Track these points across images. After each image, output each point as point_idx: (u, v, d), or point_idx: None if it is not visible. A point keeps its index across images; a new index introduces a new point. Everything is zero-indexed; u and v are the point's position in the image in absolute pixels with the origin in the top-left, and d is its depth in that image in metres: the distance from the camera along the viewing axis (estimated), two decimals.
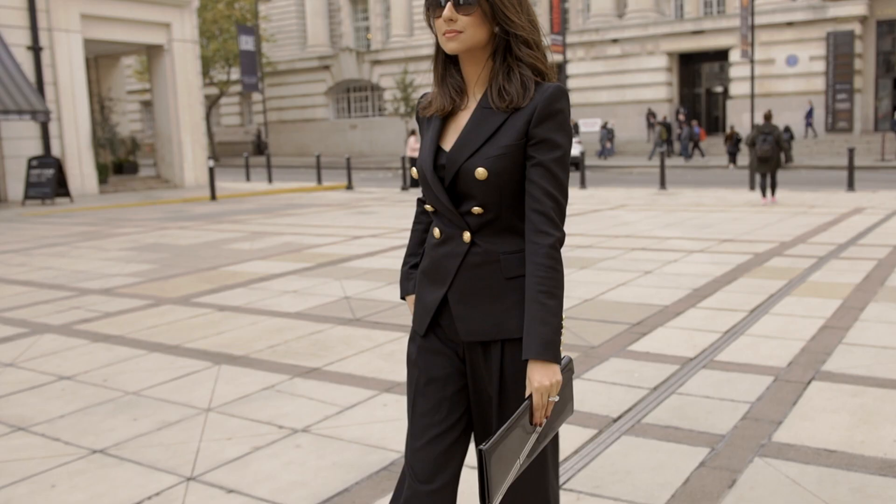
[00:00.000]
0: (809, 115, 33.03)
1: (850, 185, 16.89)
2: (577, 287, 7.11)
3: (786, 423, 3.82)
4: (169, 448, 3.82)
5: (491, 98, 1.85)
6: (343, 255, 9.63)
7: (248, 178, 28.22)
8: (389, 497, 2.18)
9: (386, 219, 13.99)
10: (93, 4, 21.50)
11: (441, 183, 1.88)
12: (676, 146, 34.97)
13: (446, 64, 1.93)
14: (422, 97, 2.03)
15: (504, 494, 1.84)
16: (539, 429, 1.84)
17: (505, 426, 1.76)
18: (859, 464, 3.35)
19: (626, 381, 4.53)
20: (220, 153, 47.30)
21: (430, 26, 1.88)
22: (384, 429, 3.94)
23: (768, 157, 13.53)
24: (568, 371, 1.91)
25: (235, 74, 46.56)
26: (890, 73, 33.89)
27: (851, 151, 17.16)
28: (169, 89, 23.91)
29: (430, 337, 1.99)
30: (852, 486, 3.14)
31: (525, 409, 1.80)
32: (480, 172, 1.81)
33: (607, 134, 35.56)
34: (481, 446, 1.72)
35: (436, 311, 1.95)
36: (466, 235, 1.88)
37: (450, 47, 1.83)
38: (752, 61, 25.46)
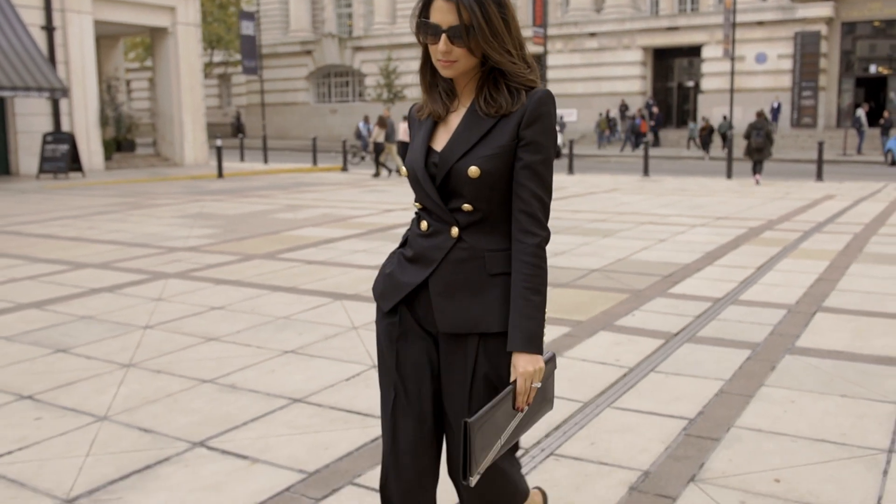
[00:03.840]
0: (776, 111, 34.77)
1: (819, 176, 18.45)
2: (609, 250, 8.45)
3: (802, 336, 5.17)
4: (343, 350, 5.03)
5: (479, 104, 1.93)
6: (386, 224, 10.83)
7: (241, 159, 29.12)
8: None
9: (404, 196, 15.18)
10: None
11: (432, 181, 1.95)
12: (650, 137, 36.54)
13: (434, 72, 2.00)
14: (413, 106, 2.12)
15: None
16: (521, 414, 1.93)
17: (490, 404, 1.86)
18: (860, 358, 4.69)
19: (674, 311, 5.85)
20: None
21: (419, 40, 1.95)
22: None
23: (761, 147, 15.40)
24: (551, 365, 1.99)
25: (218, 57, 47.23)
26: (851, 71, 35.79)
27: (821, 145, 18.73)
28: (172, 71, 24.74)
29: (404, 321, 2.03)
30: (857, 370, 4.48)
31: (509, 392, 1.90)
32: (473, 171, 1.88)
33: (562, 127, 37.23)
34: (467, 419, 1.81)
35: (414, 297, 2.01)
36: (454, 231, 1.95)
37: (446, 73, 1.93)
38: (732, 59, 27.03)
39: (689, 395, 4.12)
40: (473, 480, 1.85)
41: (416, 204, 2.04)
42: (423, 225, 2.00)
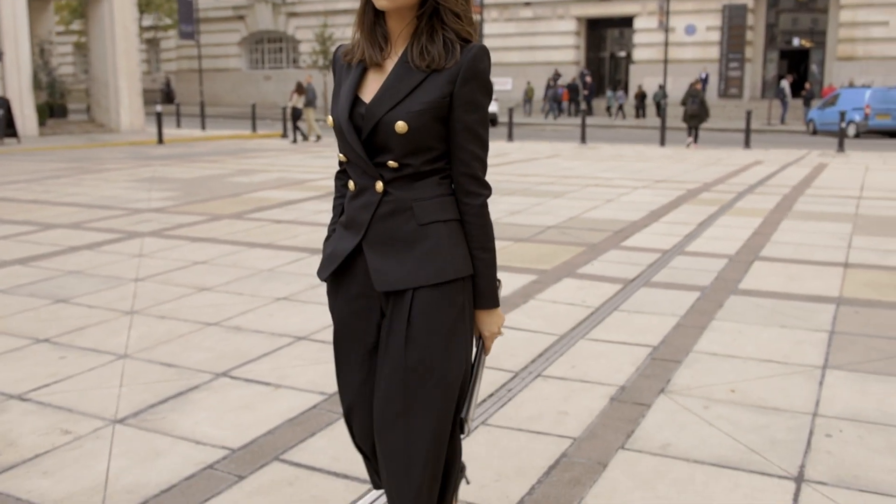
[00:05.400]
0: (704, 82, 35.89)
1: (747, 144, 19.37)
2: (561, 209, 9.00)
3: (744, 280, 5.79)
4: None
5: (411, 56, 1.85)
6: None
7: (178, 125, 28.81)
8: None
9: None
10: None
11: (357, 133, 1.87)
12: (582, 105, 37.35)
13: (376, 13, 1.91)
14: (339, 47, 2.01)
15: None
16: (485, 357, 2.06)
17: (473, 388, 2.00)
18: (794, 297, 5.33)
19: (628, 261, 6.42)
20: None
21: None
22: None
23: (696, 114, 16.42)
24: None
25: (147, 21, 46.15)
26: (775, 44, 37.17)
27: (749, 114, 19.66)
28: (107, 35, 24.31)
29: (348, 290, 1.99)
30: (793, 307, 5.11)
31: (479, 351, 2.03)
32: (400, 126, 1.82)
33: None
34: (462, 415, 1.98)
35: (350, 261, 1.95)
36: (379, 185, 1.88)
37: (381, 4, 1.83)
38: (666, 30, 27.89)
39: (650, 328, 4.67)
40: (469, 429, 2.04)
41: (341, 156, 1.97)
42: (351, 185, 1.95)
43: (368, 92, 1.89)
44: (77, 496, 2.82)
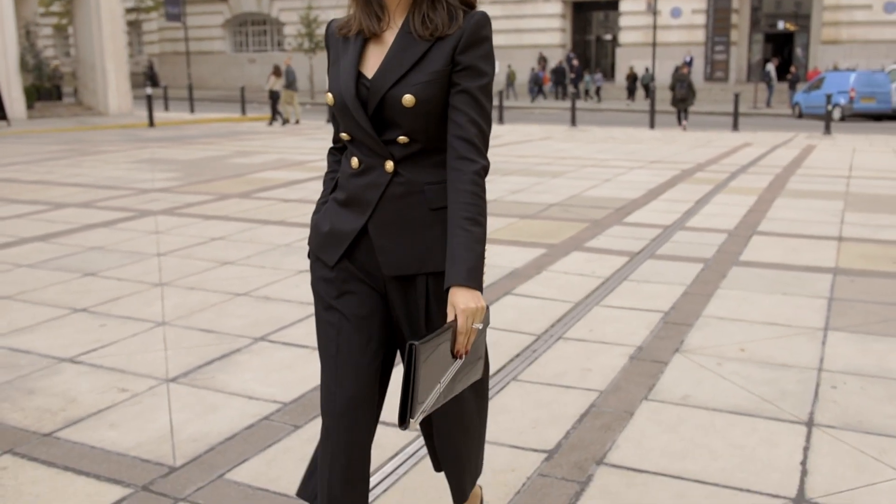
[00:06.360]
0: (689, 65, 36.18)
1: (735, 126, 19.68)
2: (561, 188, 9.26)
3: (744, 253, 6.06)
4: None
5: (413, 25, 1.78)
6: None
7: (166, 108, 28.79)
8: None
9: None
10: None
11: (364, 110, 1.79)
12: (569, 88, 37.59)
13: None
14: (331, 21, 1.93)
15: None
16: (458, 363, 1.78)
17: (437, 332, 1.71)
18: (794, 268, 5.61)
19: (632, 236, 6.67)
20: None
21: None
22: (505, 251, 5.91)
23: (684, 98, 16.88)
24: (485, 323, 1.80)
25: (129, 3, 45.84)
26: (759, 27, 37.51)
27: (737, 97, 19.97)
28: (93, 18, 24.25)
29: (345, 272, 1.89)
30: (792, 276, 5.39)
31: (449, 329, 1.73)
32: (408, 100, 1.75)
33: None
34: (413, 341, 1.66)
35: (353, 244, 1.86)
36: (389, 165, 1.80)
37: None
38: (654, 13, 28.16)
39: (660, 296, 4.92)
40: (413, 424, 1.70)
41: (344, 135, 1.87)
42: (354, 162, 1.84)
43: (370, 66, 1.82)
44: (147, 445, 3.04)
